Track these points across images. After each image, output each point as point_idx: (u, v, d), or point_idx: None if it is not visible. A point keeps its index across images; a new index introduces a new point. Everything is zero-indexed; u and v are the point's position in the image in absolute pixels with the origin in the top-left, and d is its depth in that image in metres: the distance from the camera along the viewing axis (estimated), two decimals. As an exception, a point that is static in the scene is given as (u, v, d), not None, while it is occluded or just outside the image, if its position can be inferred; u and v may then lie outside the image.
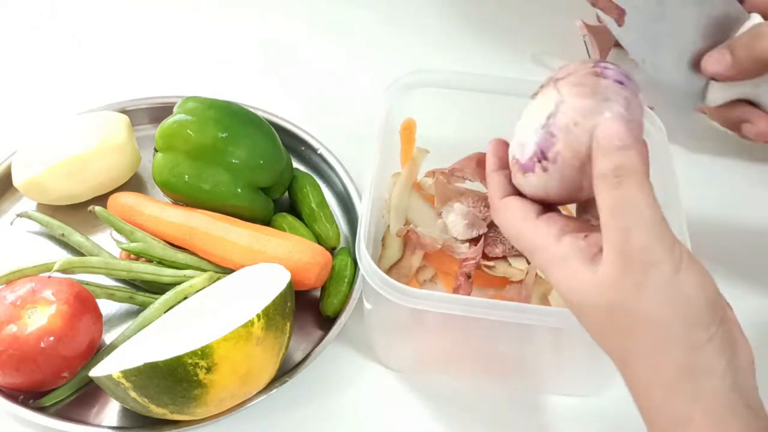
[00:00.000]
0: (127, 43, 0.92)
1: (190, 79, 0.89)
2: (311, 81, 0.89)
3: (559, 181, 0.44)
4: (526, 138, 0.46)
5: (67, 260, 0.64)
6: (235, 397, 0.57)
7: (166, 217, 0.69)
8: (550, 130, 0.44)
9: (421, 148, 0.72)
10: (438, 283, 0.70)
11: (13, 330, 0.57)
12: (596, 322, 0.41)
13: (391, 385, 0.64)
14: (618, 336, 0.40)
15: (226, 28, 0.95)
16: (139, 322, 0.63)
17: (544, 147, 0.44)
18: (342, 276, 0.67)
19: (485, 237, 0.66)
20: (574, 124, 0.42)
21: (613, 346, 0.41)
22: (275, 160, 0.70)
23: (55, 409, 0.61)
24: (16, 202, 0.74)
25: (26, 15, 0.95)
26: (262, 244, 0.66)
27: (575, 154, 0.43)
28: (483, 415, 0.63)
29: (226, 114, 0.69)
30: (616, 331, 0.40)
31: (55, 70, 0.89)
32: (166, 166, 0.68)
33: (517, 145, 0.47)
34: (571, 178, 0.44)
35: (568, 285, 0.42)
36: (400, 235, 0.69)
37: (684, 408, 0.38)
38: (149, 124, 0.80)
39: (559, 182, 0.44)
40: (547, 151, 0.44)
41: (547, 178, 0.45)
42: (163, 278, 0.66)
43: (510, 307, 0.55)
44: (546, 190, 0.45)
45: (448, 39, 0.95)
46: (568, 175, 0.44)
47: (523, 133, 0.46)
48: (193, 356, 0.53)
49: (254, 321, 0.55)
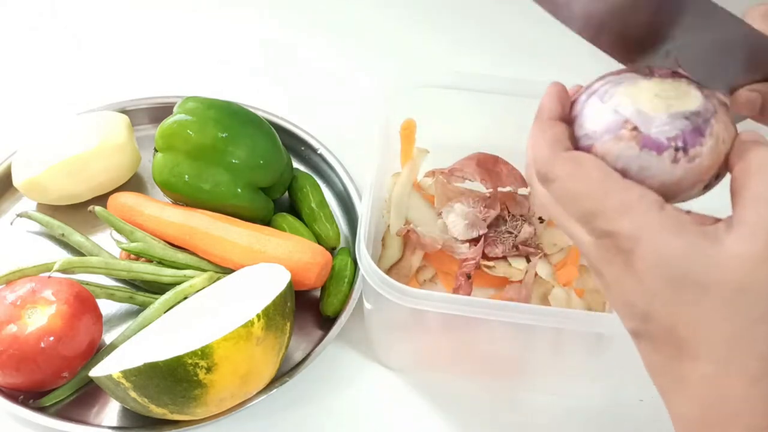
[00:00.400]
0: (127, 43, 0.92)
1: (190, 79, 0.89)
2: (311, 81, 0.89)
3: (672, 180, 0.39)
4: (653, 112, 0.39)
5: (67, 260, 0.64)
6: (235, 397, 0.57)
7: (166, 217, 0.69)
8: (701, 128, 0.39)
9: (421, 148, 0.72)
10: (438, 283, 0.70)
11: (13, 330, 0.57)
12: (710, 303, 0.37)
13: (391, 385, 0.64)
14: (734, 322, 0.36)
15: (226, 28, 0.95)
16: (139, 322, 0.63)
17: (690, 140, 0.39)
18: (342, 276, 0.67)
19: (485, 237, 0.66)
20: (723, 141, 0.39)
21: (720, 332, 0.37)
22: (275, 160, 0.70)
23: (55, 409, 0.61)
24: (16, 202, 0.74)
25: (26, 15, 0.95)
26: (262, 244, 0.66)
27: (708, 169, 0.39)
28: (483, 415, 0.63)
29: (226, 114, 0.69)
30: (735, 315, 0.36)
31: (55, 70, 0.89)
32: (166, 166, 0.68)
33: (632, 112, 0.40)
34: (686, 185, 0.39)
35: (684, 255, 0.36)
36: (400, 235, 0.69)
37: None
38: (149, 124, 0.80)
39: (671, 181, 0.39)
40: (691, 146, 0.39)
41: (666, 170, 0.39)
42: (163, 278, 0.66)
43: (510, 307, 0.55)
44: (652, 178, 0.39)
45: (448, 39, 0.95)
46: (686, 182, 0.39)
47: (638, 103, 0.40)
48: (193, 356, 0.53)
49: (254, 321, 0.55)
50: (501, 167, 0.70)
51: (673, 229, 0.37)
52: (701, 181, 0.39)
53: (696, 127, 0.39)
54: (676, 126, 0.39)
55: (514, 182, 0.70)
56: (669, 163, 0.39)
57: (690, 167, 0.39)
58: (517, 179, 0.70)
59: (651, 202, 0.38)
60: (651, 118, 0.40)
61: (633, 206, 0.38)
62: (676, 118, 0.39)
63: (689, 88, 0.40)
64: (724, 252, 0.36)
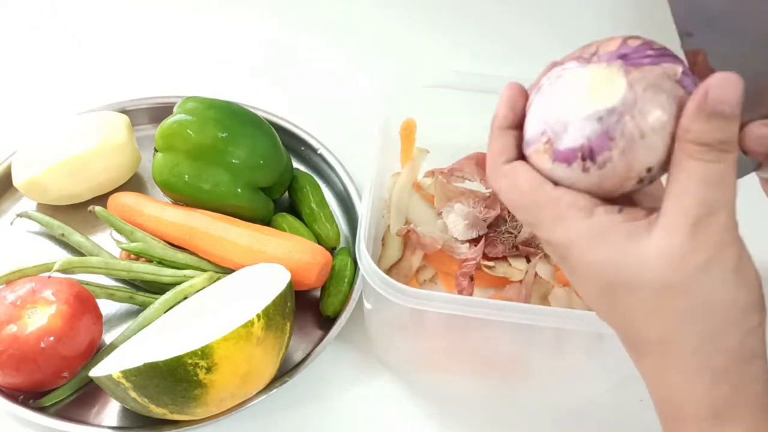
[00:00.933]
0: (127, 43, 0.92)
1: (190, 79, 0.89)
2: (311, 81, 0.89)
3: (592, 186, 0.38)
4: (568, 117, 0.38)
5: (67, 260, 0.64)
6: (235, 397, 0.57)
7: (166, 217, 0.69)
8: (609, 131, 0.37)
9: (421, 148, 0.72)
10: (438, 283, 0.70)
11: (13, 330, 0.57)
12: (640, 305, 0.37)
13: (391, 385, 0.64)
14: (665, 320, 0.37)
15: (226, 28, 0.95)
16: (139, 322, 0.63)
17: (596, 146, 0.37)
18: (342, 276, 0.67)
19: (485, 237, 0.66)
20: (641, 136, 0.37)
21: (654, 331, 0.37)
22: (275, 160, 0.70)
23: (55, 409, 0.61)
24: (16, 202, 0.74)
25: (26, 15, 0.95)
26: (262, 244, 0.66)
27: (628, 170, 0.37)
28: (482, 415, 0.63)
29: (226, 114, 0.69)
30: (664, 313, 0.37)
31: (55, 70, 0.89)
32: (166, 166, 0.68)
33: (554, 119, 0.39)
34: (609, 187, 0.38)
35: (610, 261, 0.37)
36: (400, 235, 0.69)
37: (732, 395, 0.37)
38: (149, 124, 0.80)
39: (593, 186, 0.38)
40: (598, 153, 0.37)
41: (582, 178, 0.38)
42: (163, 278, 0.66)
43: (510, 307, 0.55)
44: (574, 186, 0.39)
45: (448, 39, 0.95)
46: (608, 185, 0.38)
47: (562, 107, 0.39)
48: (193, 356, 0.53)
49: (254, 321, 0.55)
50: (501, 167, 0.70)
51: (600, 236, 0.38)
52: (629, 179, 0.38)
53: (605, 131, 0.37)
54: (584, 133, 0.38)
55: (514, 182, 0.70)
56: (580, 172, 0.38)
57: (603, 173, 0.38)
58: (517, 179, 0.70)
59: (579, 209, 0.38)
60: (565, 126, 0.39)
61: (562, 216, 0.39)
62: (589, 121, 0.38)
63: (617, 76, 0.38)
64: (648, 251, 0.37)
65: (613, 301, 0.39)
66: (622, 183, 0.38)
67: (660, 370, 0.39)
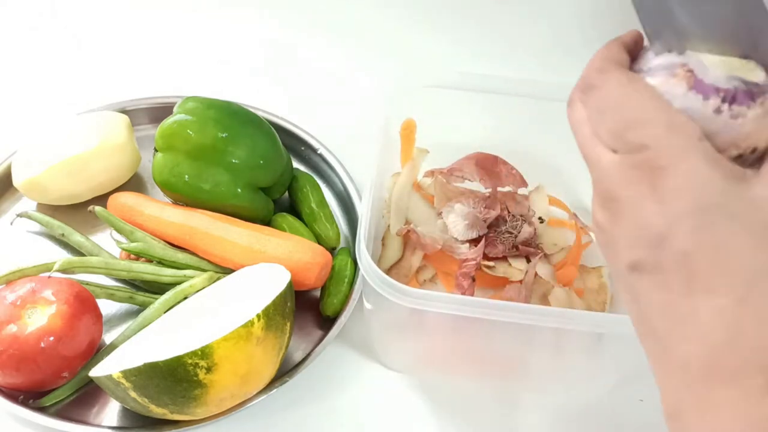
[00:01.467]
0: (127, 43, 0.92)
1: (190, 79, 0.89)
2: (311, 81, 0.89)
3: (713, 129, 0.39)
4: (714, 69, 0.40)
5: (67, 260, 0.64)
6: (235, 397, 0.57)
7: (166, 217, 0.69)
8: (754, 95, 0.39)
9: (421, 148, 0.72)
10: (438, 283, 0.70)
11: (13, 330, 0.57)
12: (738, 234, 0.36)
13: (391, 385, 0.64)
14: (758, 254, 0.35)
15: (226, 28, 0.95)
16: (139, 322, 0.63)
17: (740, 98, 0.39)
18: (342, 276, 0.67)
19: (485, 237, 0.66)
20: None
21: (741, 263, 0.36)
22: (275, 160, 0.70)
23: (55, 409, 0.61)
24: (16, 202, 0.74)
25: (26, 15, 0.95)
26: (262, 244, 0.66)
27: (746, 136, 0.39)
28: (483, 415, 0.63)
29: (226, 114, 0.69)
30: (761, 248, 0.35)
31: (55, 70, 0.89)
32: (166, 166, 0.68)
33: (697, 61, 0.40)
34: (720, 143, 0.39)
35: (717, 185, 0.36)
36: (400, 235, 0.69)
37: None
38: (149, 124, 0.80)
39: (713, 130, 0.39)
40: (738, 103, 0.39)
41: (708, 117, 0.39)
42: (163, 278, 0.66)
43: (510, 307, 0.55)
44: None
45: (448, 39, 0.95)
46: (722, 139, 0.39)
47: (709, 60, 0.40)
48: (193, 356, 0.53)
49: (254, 321, 0.55)
50: (500, 167, 0.70)
51: (710, 159, 0.37)
52: (735, 147, 0.39)
53: (749, 91, 0.39)
54: (730, 83, 0.39)
55: (514, 182, 0.70)
56: (711, 111, 0.39)
57: (730, 123, 0.39)
58: (516, 179, 0.70)
59: (694, 129, 0.38)
60: (708, 70, 0.40)
61: (677, 127, 0.38)
62: (734, 79, 0.39)
63: (756, 68, 0.40)
64: (753, 191, 0.36)
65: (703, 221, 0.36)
66: (731, 145, 0.39)
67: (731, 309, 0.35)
